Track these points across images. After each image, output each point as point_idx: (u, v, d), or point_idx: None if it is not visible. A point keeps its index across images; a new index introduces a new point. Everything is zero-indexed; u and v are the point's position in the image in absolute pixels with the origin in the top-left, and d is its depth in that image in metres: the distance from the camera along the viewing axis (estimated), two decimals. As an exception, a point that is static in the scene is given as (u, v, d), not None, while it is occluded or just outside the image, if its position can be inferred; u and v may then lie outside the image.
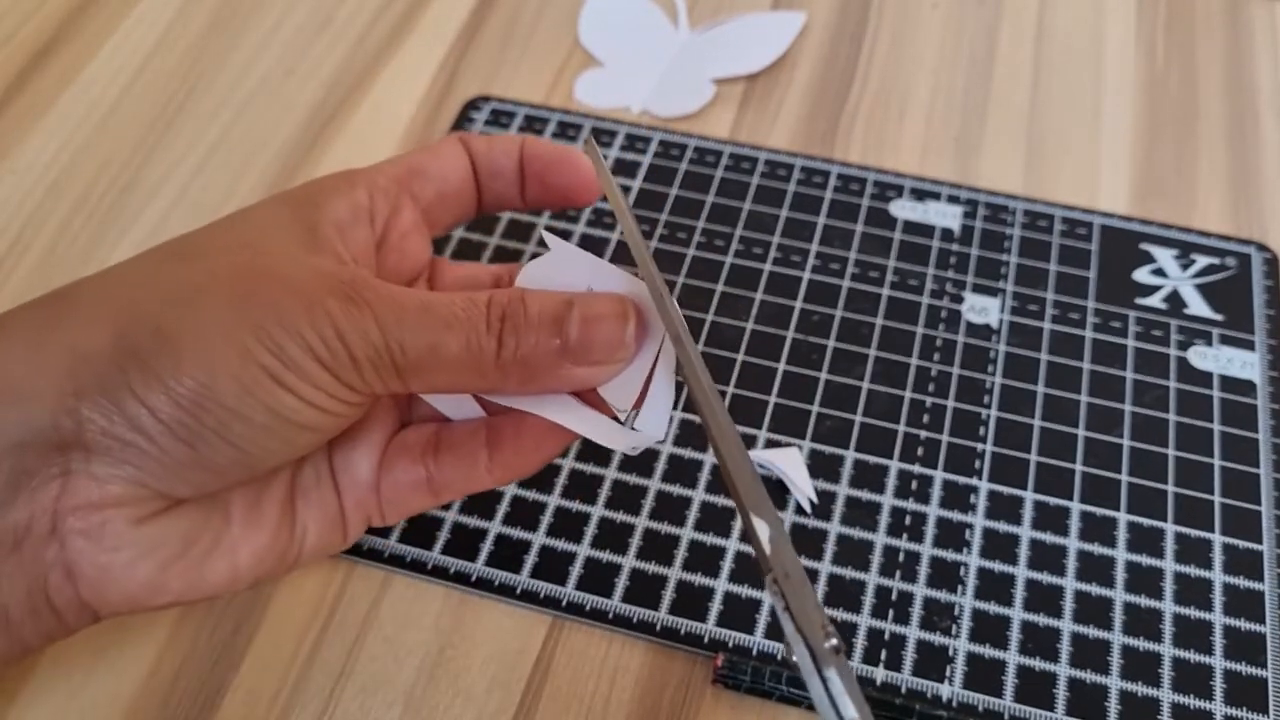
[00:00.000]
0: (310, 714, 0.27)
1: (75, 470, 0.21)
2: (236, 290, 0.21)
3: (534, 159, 0.27)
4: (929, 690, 0.28)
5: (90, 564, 0.21)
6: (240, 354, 0.20)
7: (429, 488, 0.25)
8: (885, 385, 0.33)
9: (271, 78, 0.42)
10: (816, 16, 0.44)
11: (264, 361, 0.20)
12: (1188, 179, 0.39)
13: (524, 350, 0.22)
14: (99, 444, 0.20)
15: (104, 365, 0.20)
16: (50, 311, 0.22)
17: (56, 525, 0.21)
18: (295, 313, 0.21)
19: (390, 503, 0.25)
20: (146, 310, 0.21)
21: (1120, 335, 0.34)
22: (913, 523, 0.30)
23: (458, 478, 0.25)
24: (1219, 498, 0.31)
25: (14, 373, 0.21)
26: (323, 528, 0.25)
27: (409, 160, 0.27)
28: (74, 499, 0.21)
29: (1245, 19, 0.44)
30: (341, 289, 0.21)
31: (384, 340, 0.21)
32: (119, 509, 0.21)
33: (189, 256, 0.22)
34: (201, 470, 0.21)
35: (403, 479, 0.25)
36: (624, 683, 0.28)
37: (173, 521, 0.22)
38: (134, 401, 0.20)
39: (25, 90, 0.41)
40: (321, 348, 0.21)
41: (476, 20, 0.44)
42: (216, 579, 0.23)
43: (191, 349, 0.20)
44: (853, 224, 0.37)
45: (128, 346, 0.20)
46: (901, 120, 0.40)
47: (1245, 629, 0.29)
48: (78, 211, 0.37)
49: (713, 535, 0.30)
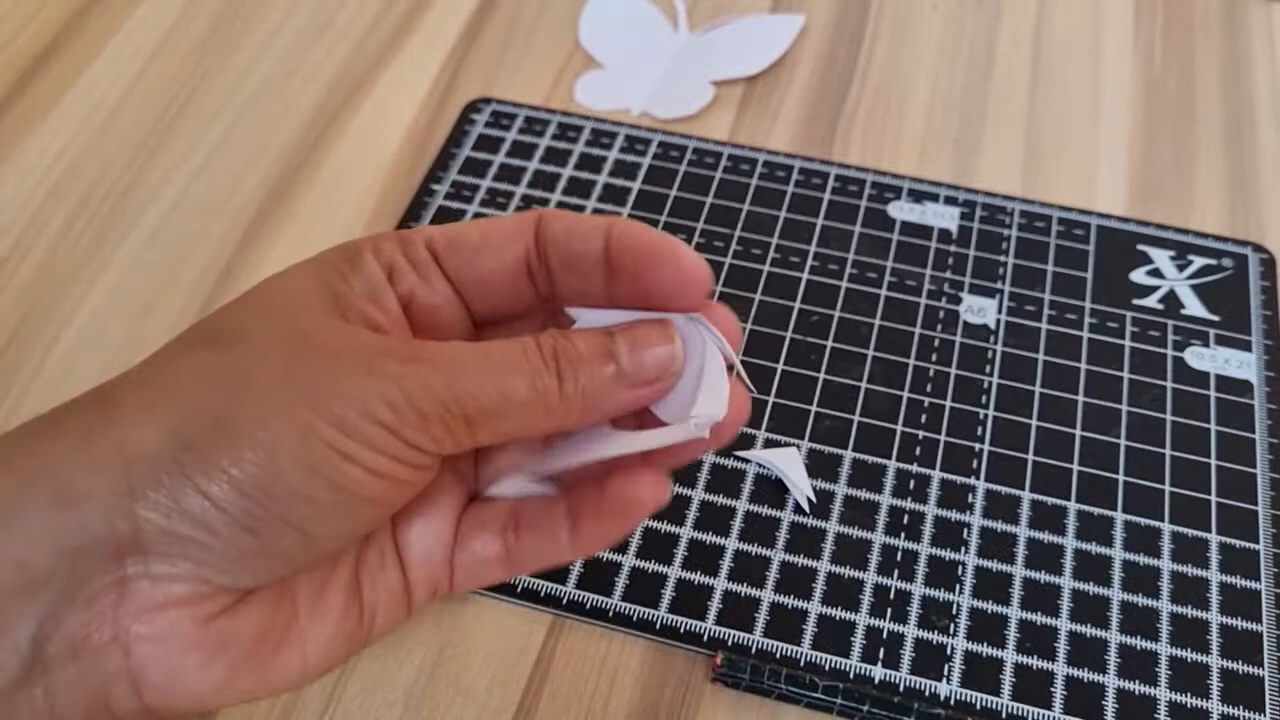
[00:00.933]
0: (311, 714, 0.27)
1: (133, 574, 0.20)
2: (287, 368, 0.20)
3: (626, 251, 0.23)
4: (927, 688, 0.28)
5: (158, 670, 0.20)
6: (301, 431, 0.20)
7: (508, 561, 0.24)
8: (883, 385, 0.33)
9: (273, 80, 0.42)
10: (816, 18, 0.44)
11: (326, 436, 0.20)
12: (1185, 180, 0.39)
13: (584, 382, 0.22)
14: (157, 543, 0.20)
15: (159, 462, 0.20)
16: (97, 413, 0.21)
17: (119, 634, 0.20)
18: (353, 380, 0.20)
19: (467, 576, 0.24)
20: (197, 404, 0.20)
21: (1117, 336, 0.34)
22: (910, 522, 0.30)
23: (538, 552, 0.24)
24: (1215, 497, 0.31)
25: (66, 474, 0.20)
26: (389, 607, 0.24)
27: (453, 231, 0.24)
28: (135, 603, 0.20)
29: (1243, 21, 0.44)
30: (396, 350, 0.21)
31: (451, 392, 0.20)
32: (183, 609, 0.20)
33: (228, 342, 0.21)
34: (265, 558, 0.21)
35: (482, 553, 0.24)
36: (624, 681, 0.28)
37: (240, 618, 0.21)
38: (194, 494, 0.19)
39: (27, 92, 0.41)
40: (385, 410, 0.20)
41: (477, 22, 0.44)
42: (288, 672, 0.22)
43: (249, 433, 0.20)
44: (851, 225, 0.37)
45: (183, 441, 0.20)
46: (900, 122, 0.41)
47: (1241, 628, 0.29)
48: (79, 213, 0.38)
49: (712, 534, 0.30)
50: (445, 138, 0.40)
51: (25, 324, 0.35)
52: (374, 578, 0.24)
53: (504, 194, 0.38)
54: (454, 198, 0.38)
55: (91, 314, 0.35)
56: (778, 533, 0.30)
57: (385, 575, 0.24)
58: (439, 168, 0.38)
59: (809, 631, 0.28)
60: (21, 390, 0.33)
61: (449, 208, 0.37)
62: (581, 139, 0.39)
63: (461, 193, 0.38)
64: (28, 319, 0.35)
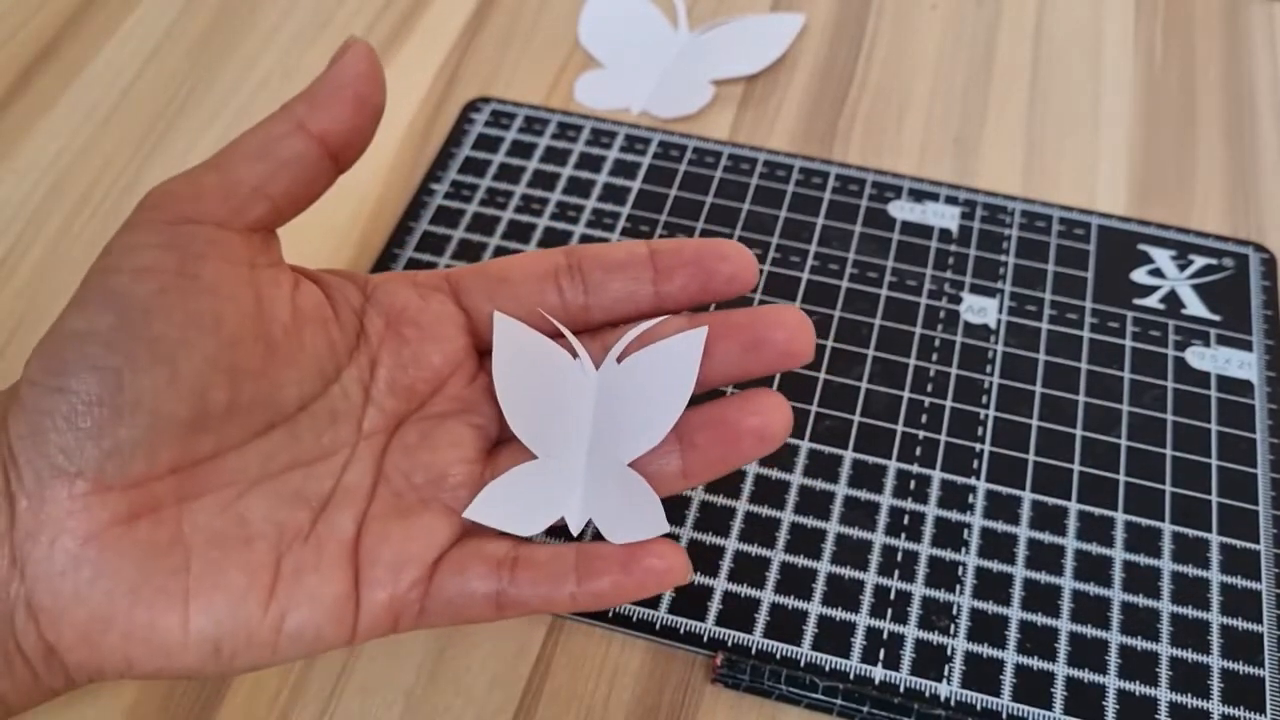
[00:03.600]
0: (311, 714, 0.27)
1: (15, 491, 0.20)
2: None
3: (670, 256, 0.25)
4: (927, 689, 0.28)
5: (45, 591, 0.21)
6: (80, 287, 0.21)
7: (496, 602, 0.23)
8: (884, 385, 0.33)
9: (272, 79, 0.42)
10: (816, 18, 0.44)
11: (103, 263, 0.21)
12: (1186, 180, 0.39)
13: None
14: (22, 449, 0.20)
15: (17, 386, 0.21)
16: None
17: (15, 556, 0.20)
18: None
19: (442, 607, 0.23)
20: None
21: (1118, 335, 0.34)
22: (911, 522, 0.30)
23: (533, 597, 0.23)
24: (1216, 497, 0.31)
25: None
26: (315, 614, 0.22)
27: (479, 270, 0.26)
28: (24, 524, 0.20)
29: (1244, 20, 0.44)
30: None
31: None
32: (66, 521, 0.21)
33: None
34: (114, 421, 0.21)
35: (477, 588, 0.23)
36: (624, 682, 0.28)
37: (121, 542, 0.21)
38: (26, 385, 0.21)
39: (27, 90, 0.41)
40: (147, 212, 0.22)
41: (476, 22, 0.44)
42: (165, 631, 0.21)
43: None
44: (851, 225, 0.37)
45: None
46: (900, 121, 0.41)
47: (1242, 628, 0.29)
48: (79, 212, 0.37)
49: (712, 535, 0.30)
50: (444, 137, 0.39)
51: (25, 324, 0.35)
52: (298, 574, 0.22)
53: (503, 193, 0.38)
54: (453, 197, 0.38)
55: (90, 313, 0.35)
56: (778, 533, 0.30)
57: (318, 577, 0.22)
58: (438, 167, 0.38)
59: (809, 632, 0.28)
60: (20, 390, 0.33)
61: (448, 207, 0.37)
62: (581, 138, 0.39)
63: (461, 192, 0.38)
64: (27, 319, 0.35)
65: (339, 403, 0.24)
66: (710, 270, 0.25)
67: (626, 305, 0.25)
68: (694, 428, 0.24)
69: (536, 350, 0.25)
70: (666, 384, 0.24)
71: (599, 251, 0.25)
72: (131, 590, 0.21)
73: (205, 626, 0.21)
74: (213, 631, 0.21)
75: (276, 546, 0.22)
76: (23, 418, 0.21)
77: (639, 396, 0.24)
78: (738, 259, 0.25)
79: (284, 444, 0.23)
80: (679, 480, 0.24)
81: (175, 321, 0.21)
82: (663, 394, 0.24)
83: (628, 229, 0.37)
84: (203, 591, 0.21)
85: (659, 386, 0.24)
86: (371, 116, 0.24)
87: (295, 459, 0.23)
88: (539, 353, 0.25)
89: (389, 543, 0.23)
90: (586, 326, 0.26)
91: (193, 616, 0.21)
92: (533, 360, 0.25)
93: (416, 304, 0.25)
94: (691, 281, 0.25)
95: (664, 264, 0.25)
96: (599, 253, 0.25)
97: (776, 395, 0.24)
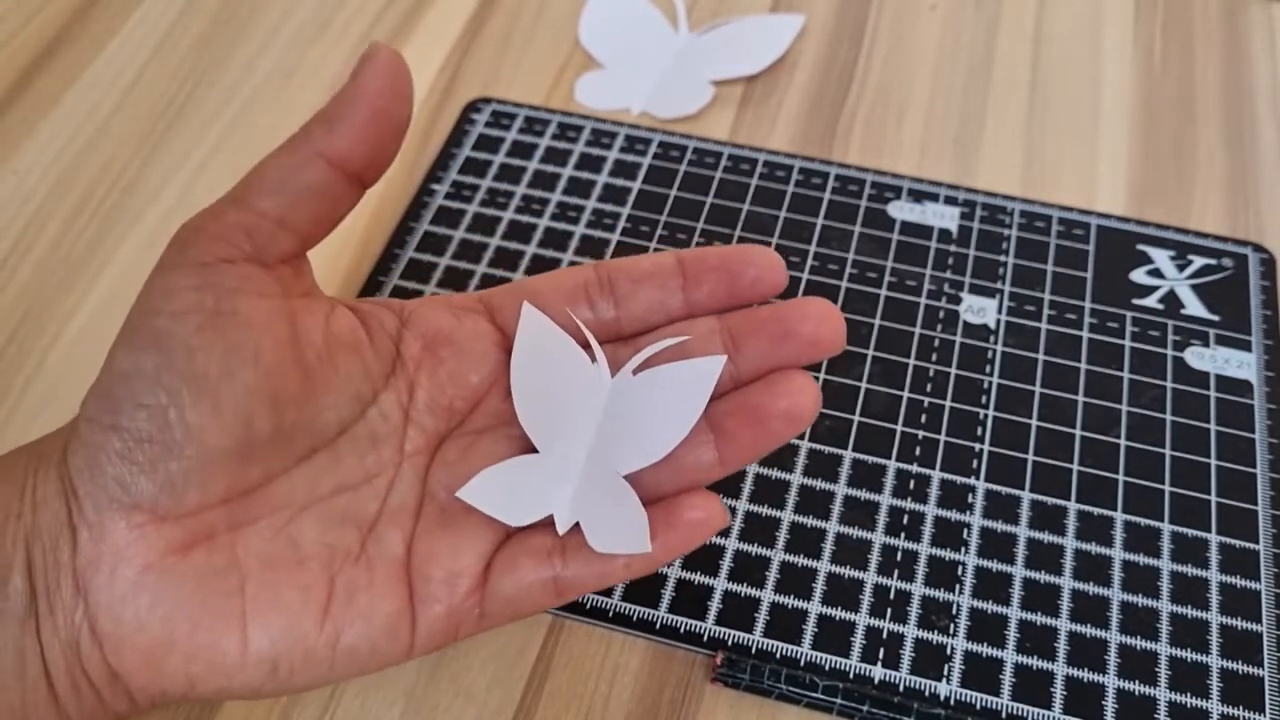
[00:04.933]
0: (311, 713, 0.27)
1: (77, 523, 0.21)
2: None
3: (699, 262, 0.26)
4: (927, 689, 0.28)
5: (107, 616, 0.21)
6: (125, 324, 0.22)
7: (554, 587, 0.24)
8: (883, 385, 0.33)
9: (273, 79, 0.42)
10: (815, 18, 0.44)
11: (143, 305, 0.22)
12: (1185, 180, 0.39)
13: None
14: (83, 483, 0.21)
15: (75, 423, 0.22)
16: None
17: (79, 583, 0.21)
18: None
19: (503, 605, 0.24)
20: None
21: (1117, 336, 0.34)
22: (910, 522, 0.30)
23: (589, 575, 0.24)
24: (1215, 497, 0.31)
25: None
26: (370, 629, 0.23)
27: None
28: (85, 553, 0.21)
29: (1243, 21, 0.44)
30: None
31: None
32: (124, 551, 0.21)
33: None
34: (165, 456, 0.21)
35: (534, 580, 0.24)
36: (624, 681, 0.28)
37: (178, 568, 0.22)
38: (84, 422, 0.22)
39: (28, 91, 0.41)
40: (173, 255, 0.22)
41: (477, 22, 0.44)
42: (224, 651, 0.22)
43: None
44: (851, 225, 0.37)
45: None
46: (900, 122, 0.41)
47: (1241, 628, 0.29)
48: (80, 212, 0.38)
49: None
50: (445, 137, 0.40)
51: (25, 324, 0.35)
52: (351, 593, 0.23)
53: (504, 194, 0.38)
54: (454, 197, 0.38)
55: (91, 314, 0.35)
56: (778, 532, 0.30)
57: (370, 596, 0.23)
58: (439, 168, 0.38)
59: (809, 631, 0.28)
60: (21, 390, 0.33)
61: (449, 207, 0.37)
62: (581, 139, 0.39)
63: (461, 192, 0.38)
64: (27, 319, 0.35)
65: (378, 425, 0.24)
66: (736, 274, 0.25)
67: (657, 314, 0.26)
68: (724, 414, 0.24)
69: (557, 347, 0.25)
70: (676, 404, 0.24)
71: (627, 264, 0.26)
72: (190, 614, 0.21)
73: (263, 646, 0.22)
74: (270, 651, 0.22)
75: (329, 567, 0.23)
76: (81, 452, 0.21)
77: (647, 411, 0.25)
78: (763, 262, 0.25)
79: (327, 467, 0.24)
80: (715, 469, 0.25)
81: (216, 356, 0.21)
82: (671, 413, 0.24)
83: (628, 229, 0.37)
84: (259, 612, 0.22)
85: (669, 405, 0.24)
86: (394, 132, 0.23)
87: (341, 483, 0.24)
88: (559, 350, 0.25)
89: (438, 557, 0.24)
90: (619, 337, 0.26)
91: (250, 637, 0.22)
92: (551, 355, 0.25)
93: (451, 324, 0.26)
94: (719, 287, 0.25)
95: (691, 271, 0.25)
96: (627, 265, 0.26)
97: (804, 375, 0.24)
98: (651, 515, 0.24)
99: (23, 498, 0.22)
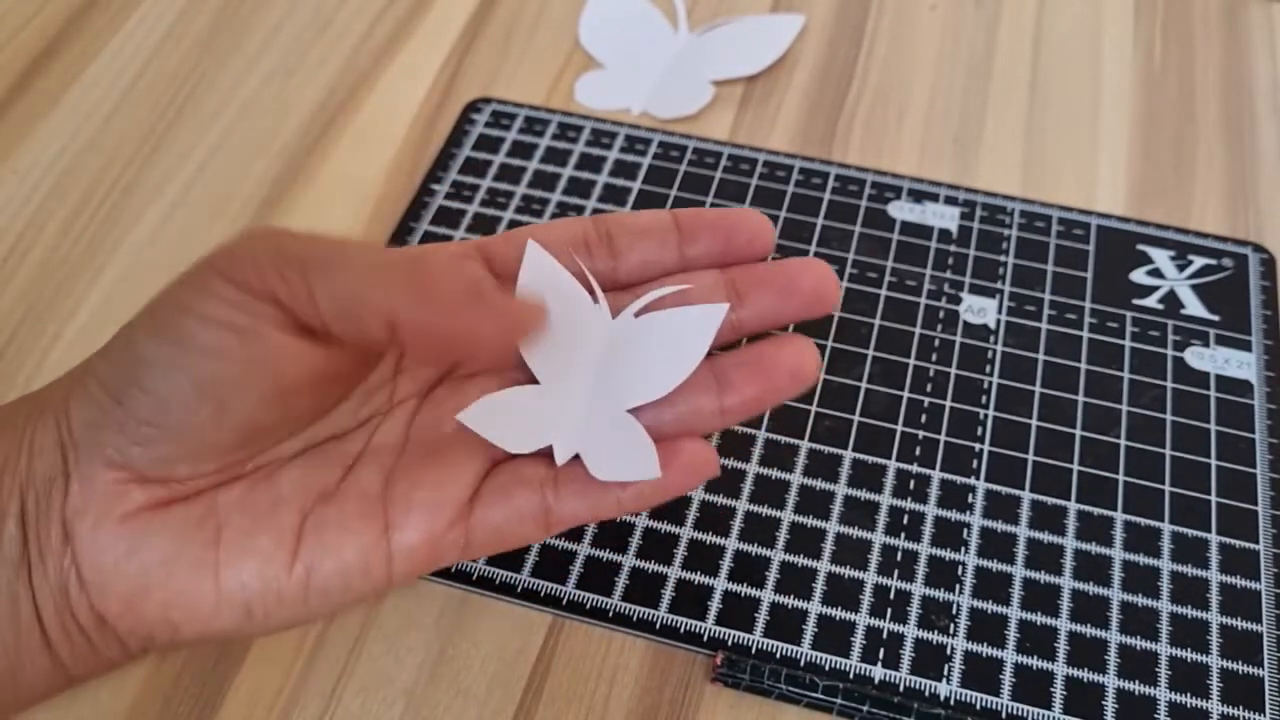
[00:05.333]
0: (311, 713, 0.27)
1: (71, 472, 0.22)
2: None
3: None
4: (927, 689, 0.28)
5: (90, 565, 0.22)
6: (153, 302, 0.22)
7: (545, 520, 0.24)
8: (883, 385, 0.33)
9: (273, 79, 0.42)
10: (815, 18, 0.44)
11: (170, 293, 0.21)
12: (1185, 180, 0.39)
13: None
14: (82, 436, 0.22)
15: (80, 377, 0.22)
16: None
17: (67, 530, 0.22)
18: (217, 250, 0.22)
19: (490, 534, 0.24)
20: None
21: (1117, 336, 0.34)
22: (910, 522, 0.30)
23: (581, 508, 0.24)
24: (1215, 497, 0.31)
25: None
26: (341, 566, 0.23)
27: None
28: (74, 500, 0.22)
29: (1243, 20, 0.44)
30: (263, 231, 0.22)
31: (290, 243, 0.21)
32: (109, 503, 0.22)
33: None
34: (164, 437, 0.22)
35: (524, 510, 0.24)
36: (624, 681, 0.28)
37: (156, 522, 0.22)
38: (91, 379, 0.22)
39: (28, 91, 0.41)
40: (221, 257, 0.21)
41: (477, 22, 0.44)
42: (199, 594, 0.22)
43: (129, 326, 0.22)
44: (851, 225, 0.37)
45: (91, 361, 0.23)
46: (900, 122, 0.41)
47: (1241, 628, 0.29)
48: (80, 212, 0.38)
49: (712, 534, 0.30)
50: (445, 137, 0.40)
51: (25, 324, 0.35)
52: (320, 531, 0.23)
53: (504, 194, 0.38)
54: (454, 197, 0.38)
55: (92, 313, 0.35)
56: (778, 532, 0.30)
57: (339, 531, 0.23)
58: (439, 167, 0.38)
59: (809, 631, 0.28)
60: (21, 390, 0.33)
61: (449, 207, 0.37)
62: (581, 139, 0.39)
63: (461, 192, 0.38)
64: (27, 319, 0.35)
65: (372, 379, 0.25)
66: (731, 231, 0.26)
67: (653, 268, 0.27)
68: (730, 366, 0.25)
69: (560, 283, 0.26)
70: (679, 346, 0.25)
71: (625, 218, 0.27)
72: (166, 563, 0.22)
73: (235, 591, 0.22)
74: (242, 595, 0.22)
75: (303, 509, 0.23)
76: (86, 408, 0.22)
77: (650, 352, 0.25)
78: (756, 223, 0.26)
79: (322, 428, 0.25)
80: (716, 418, 0.25)
81: (234, 367, 0.21)
82: (673, 354, 0.25)
83: (628, 229, 0.37)
84: (231, 560, 0.22)
85: (671, 346, 0.25)
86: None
87: (331, 434, 0.25)
88: (562, 286, 0.26)
89: (421, 486, 0.24)
90: (614, 287, 0.27)
91: (222, 583, 0.22)
92: (554, 291, 0.25)
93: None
94: (714, 243, 0.26)
95: (687, 228, 0.26)
96: (625, 219, 0.27)
97: (806, 339, 0.25)
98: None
99: (20, 450, 0.22)
